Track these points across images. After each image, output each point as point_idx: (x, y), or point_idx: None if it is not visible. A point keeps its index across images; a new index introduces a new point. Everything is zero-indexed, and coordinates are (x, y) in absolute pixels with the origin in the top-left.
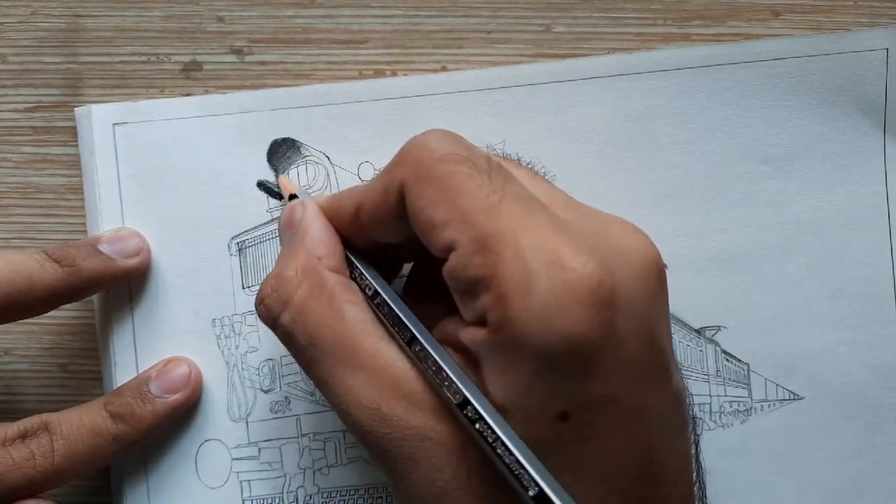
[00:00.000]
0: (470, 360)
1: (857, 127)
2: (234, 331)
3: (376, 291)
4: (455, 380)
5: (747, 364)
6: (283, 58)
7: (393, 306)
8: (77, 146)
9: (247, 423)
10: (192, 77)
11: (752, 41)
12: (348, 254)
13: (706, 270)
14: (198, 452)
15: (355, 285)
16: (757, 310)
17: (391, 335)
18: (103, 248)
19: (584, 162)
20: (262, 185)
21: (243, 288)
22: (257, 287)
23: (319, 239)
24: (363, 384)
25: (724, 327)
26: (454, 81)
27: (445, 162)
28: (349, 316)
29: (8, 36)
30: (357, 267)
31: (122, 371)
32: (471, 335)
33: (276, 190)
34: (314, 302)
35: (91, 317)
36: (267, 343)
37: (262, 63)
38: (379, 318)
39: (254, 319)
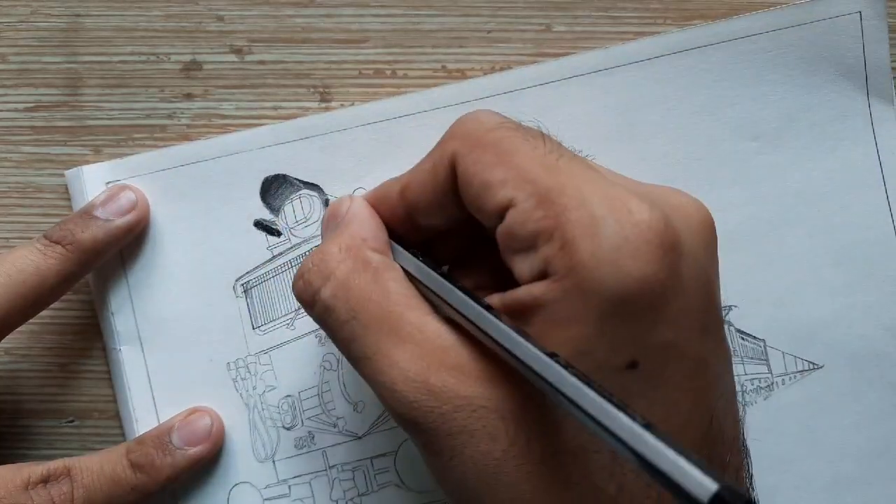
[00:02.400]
0: (521, 324)
1: (840, 92)
2: (249, 372)
3: (420, 268)
4: (525, 343)
5: (763, 340)
6: (282, 57)
7: (442, 279)
8: (77, 146)
9: (273, 462)
10: (191, 77)
11: (724, 21)
12: (391, 240)
13: None
14: (229, 498)
15: (397, 265)
16: (765, 285)
17: (436, 310)
18: (98, 212)
19: None
20: (259, 224)
21: (253, 328)
22: (267, 326)
23: (364, 224)
24: (410, 357)
25: (735, 307)
26: (435, 98)
27: (498, 129)
28: (394, 290)
29: (8, 35)
30: (400, 250)
31: (146, 428)
32: (528, 291)
33: (273, 227)
34: (358, 276)
35: (91, 316)
36: (284, 380)
37: (262, 62)
38: (424, 295)
39: (268, 359)
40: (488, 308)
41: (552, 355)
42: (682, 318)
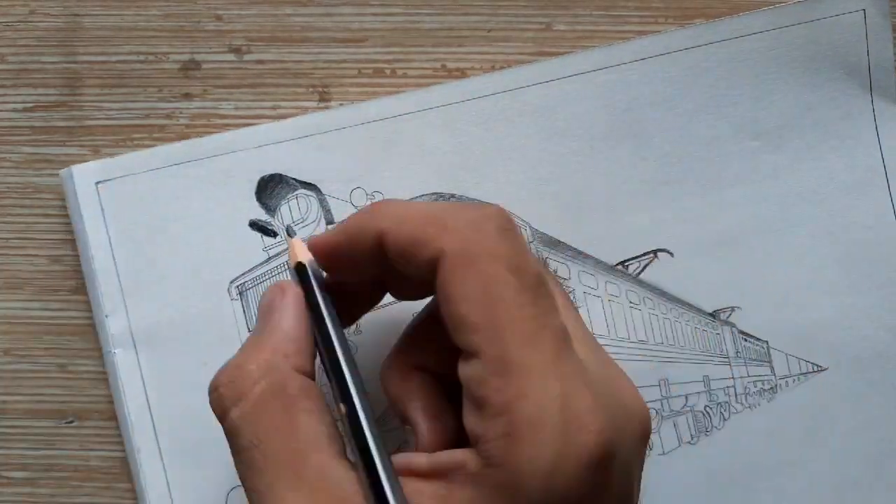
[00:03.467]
0: (447, 478)
1: (843, 91)
2: None
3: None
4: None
5: (766, 342)
6: (281, 56)
7: (357, 407)
8: (76, 146)
9: None
10: (190, 76)
11: (726, 19)
12: (332, 330)
13: (712, 253)
14: (227, 500)
15: (317, 389)
16: (768, 286)
17: (346, 449)
18: None
19: (576, 160)
20: (255, 225)
21: (249, 331)
22: None
23: (290, 334)
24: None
25: (738, 308)
26: (435, 96)
27: (497, 262)
28: (303, 426)
29: (6, 35)
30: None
31: (140, 432)
32: (461, 461)
33: (269, 228)
34: (269, 404)
35: (91, 317)
36: None
37: (261, 62)
38: (340, 424)
39: None
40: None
41: None
42: None
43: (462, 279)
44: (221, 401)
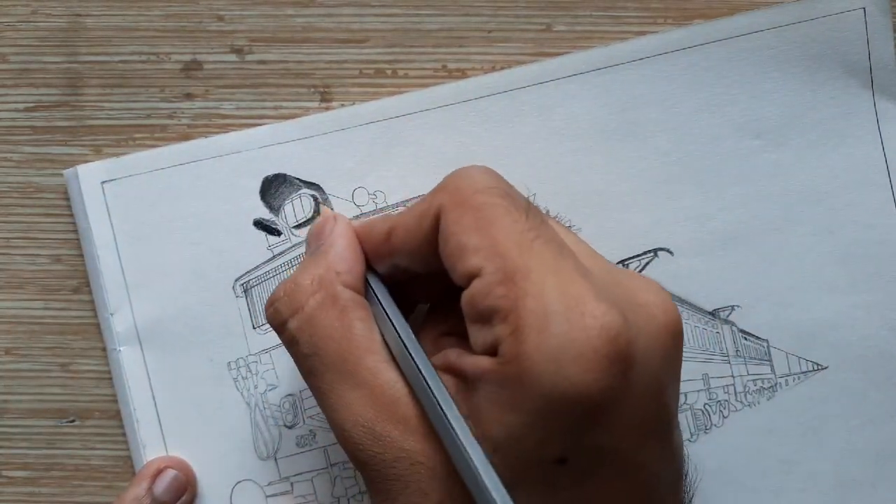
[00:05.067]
0: (468, 390)
1: (844, 89)
2: (250, 371)
3: (385, 311)
4: (441, 405)
5: (766, 340)
6: (283, 57)
7: (396, 327)
8: (77, 146)
9: (276, 459)
10: (192, 76)
11: (726, 18)
12: (367, 274)
13: (712, 252)
14: (232, 495)
15: (366, 303)
16: (768, 285)
17: (393, 357)
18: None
19: (576, 159)
20: (259, 224)
21: (254, 328)
22: (268, 326)
23: (342, 254)
24: (361, 402)
25: (738, 306)
26: (436, 97)
27: (485, 193)
28: (357, 332)
29: (8, 35)
30: (372, 287)
31: (146, 428)
32: (475, 362)
33: (273, 227)
34: (324, 313)
35: (91, 316)
36: (286, 379)
37: (263, 62)
38: (384, 339)
39: (269, 358)
40: (433, 375)
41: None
42: (622, 424)
43: (458, 216)
44: (279, 314)
